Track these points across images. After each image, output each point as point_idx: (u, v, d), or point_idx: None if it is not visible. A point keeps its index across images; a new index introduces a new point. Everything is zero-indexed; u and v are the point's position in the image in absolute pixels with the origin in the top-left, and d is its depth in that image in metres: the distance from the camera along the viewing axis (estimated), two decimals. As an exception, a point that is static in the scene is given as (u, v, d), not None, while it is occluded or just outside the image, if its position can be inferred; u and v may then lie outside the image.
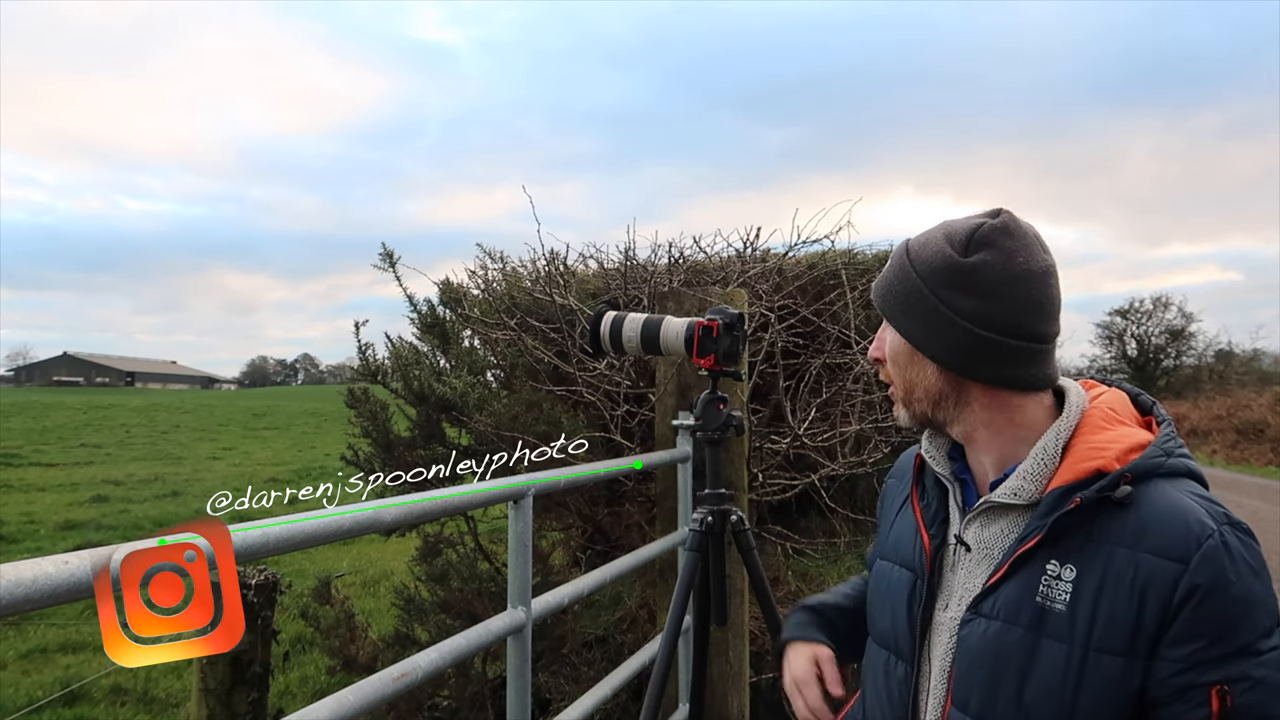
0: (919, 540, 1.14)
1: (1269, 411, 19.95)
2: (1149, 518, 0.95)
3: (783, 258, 4.03)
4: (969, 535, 1.08)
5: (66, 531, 9.97)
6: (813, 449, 3.55)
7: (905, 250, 1.11)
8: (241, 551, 1.16)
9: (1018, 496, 1.02)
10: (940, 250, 1.05)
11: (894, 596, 1.14)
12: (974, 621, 1.03)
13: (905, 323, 1.09)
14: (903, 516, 1.20)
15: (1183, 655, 0.91)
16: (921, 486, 1.18)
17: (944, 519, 1.13)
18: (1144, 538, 0.94)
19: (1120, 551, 0.95)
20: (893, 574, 1.17)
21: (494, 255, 4.43)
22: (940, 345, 1.05)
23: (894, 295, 1.10)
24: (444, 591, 3.70)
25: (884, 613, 1.16)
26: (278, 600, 2.79)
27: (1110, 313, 34.22)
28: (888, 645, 1.15)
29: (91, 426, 26.15)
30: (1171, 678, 0.91)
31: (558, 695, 3.33)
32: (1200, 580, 0.90)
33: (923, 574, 1.11)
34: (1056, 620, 0.96)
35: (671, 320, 2.24)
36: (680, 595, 2.11)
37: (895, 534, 1.20)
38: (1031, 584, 0.99)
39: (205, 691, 2.59)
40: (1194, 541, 0.92)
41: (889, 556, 1.20)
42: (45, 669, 5.49)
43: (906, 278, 1.09)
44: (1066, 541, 0.98)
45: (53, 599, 0.92)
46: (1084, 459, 1.00)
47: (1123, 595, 0.93)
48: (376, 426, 3.97)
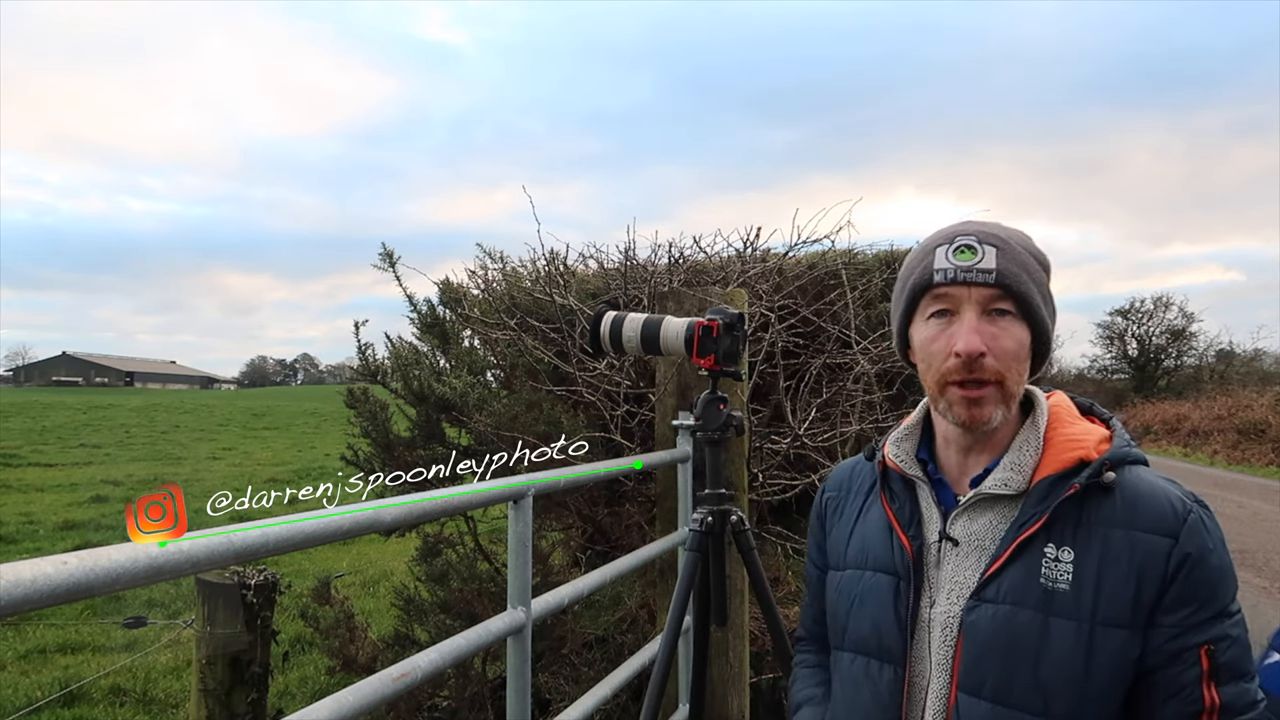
0: (896, 542, 1.15)
1: (1270, 412, 19.95)
2: (1135, 500, 1.03)
3: (783, 258, 4.03)
4: (956, 530, 1.11)
5: (66, 531, 9.96)
6: (813, 449, 3.55)
7: (1013, 242, 1.08)
8: (242, 551, 1.16)
9: (1008, 487, 1.07)
10: (1039, 250, 1.11)
11: (874, 601, 1.15)
12: (980, 608, 1.05)
13: (1044, 316, 1.09)
14: (865, 523, 1.21)
15: (1177, 620, 0.99)
16: (890, 490, 1.19)
17: (918, 520, 1.15)
18: (1135, 518, 1.02)
19: (1115, 532, 1.02)
20: (865, 580, 1.17)
21: (494, 255, 4.42)
22: (1048, 342, 1.10)
23: (1035, 285, 1.08)
24: (444, 592, 3.70)
25: (862, 619, 1.16)
26: (277, 600, 2.79)
27: (1111, 313, 34.29)
28: (867, 651, 1.15)
29: (91, 427, 26.14)
30: (1167, 643, 0.99)
31: (558, 695, 3.32)
32: (1190, 550, 0.99)
33: (907, 575, 1.12)
34: (1062, 599, 1.01)
35: (671, 320, 2.24)
36: (680, 595, 2.10)
37: (858, 542, 1.21)
38: (1033, 567, 1.03)
39: (205, 692, 2.59)
40: (1179, 518, 1.01)
41: (856, 564, 1.20)
42: (44, 669, 5.48)
43: (1037, 271, 1.09)
44: (1060, 526, 1.04)
45: (52, 599, 0.92)
46: (1065, 450, 1.07)
47: (1122, 571, 1.00)
48: (376, 426, 3.97)
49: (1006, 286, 1.05)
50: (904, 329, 1.16)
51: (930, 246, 1.11)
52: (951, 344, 1.06)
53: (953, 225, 1.12)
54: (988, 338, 1.05)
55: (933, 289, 1.09)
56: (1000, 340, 1.05)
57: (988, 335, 1.05)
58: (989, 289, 1.05)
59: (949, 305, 1.08)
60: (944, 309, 1.08)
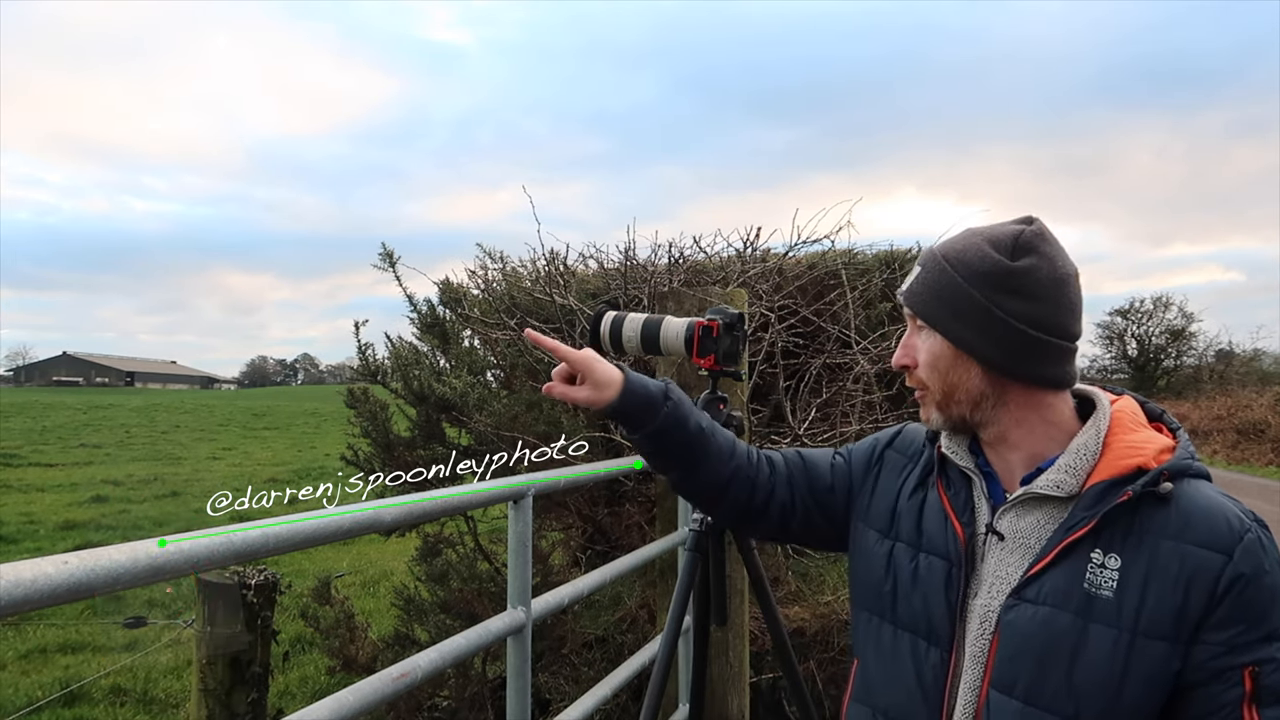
0: (950, 529, 1.16)
1: (1269, 411, 19.94)
2: (1190, 513, 1.01)
3: (783, 258, 4.03)
4: (1003, 525, 1.11)
5: (66, 531, 9.97)
6: (813, 449, 3.55)
7: (941, 256, 1.13)
8: (242, 551, 1.16)
9: (1060, 489, 1.07)
10: (986, 255, 1.10)
11: (927, 584, 1.16)
12: (1019, 607, 1.06)
13: (955, 326, 1.11)
14: (921, 501, 1.22)
15: (1223, 639, 0.97)
16: (946, 477, 1.21)
17: (970, 510, 1.16)
18: (1187, 530, 1.00)
19: (1165, 543, 1.01)
20: (920, 560, 1.18)
21: (494, 255, 4.43)
22: (991, 347, 1.09)
23: (939, 300, 1.12)
24: (444, 591, 3.70)
25: (913, 599, 1.17)
26: (277, 600, 2.80)
27: (1111, 313, 34.21)
28: (916, 630, 1.16)
29: (91, 426, 26.15)
30: (1211, 660, 0.97)
31: (558, 695, 3.33)
32: (1244, 570, 0.98)
33: (959, 562, 1.13)
34: (1104, 606, 1.01)
35: (671, 320, 2.24)
36: (680, 595, 2.10)
37: (911, 519, 1.22)
38: (1078, 571, 1.03)
39: (205, 692, 2.60)
40: (1235, 535, 0.99)
41: (910, 541, 1.21)
42: (45, 669, 5.49)
43: (951, 282, 1.11)
44: (1109, 532, 1.03)
45: (52, 599, 0.92)
46: (1124, 456, 1.06)
47: (1169, 584, 0.99)
48: (376, 426, 3.97)
49: (913, 305, 1.15)
50: None
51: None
52: None
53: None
54: (913, 351, 1.16)
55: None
56: (918, 352, 1.16)
57: (913, 348, 1.16)
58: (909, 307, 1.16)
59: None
60: None
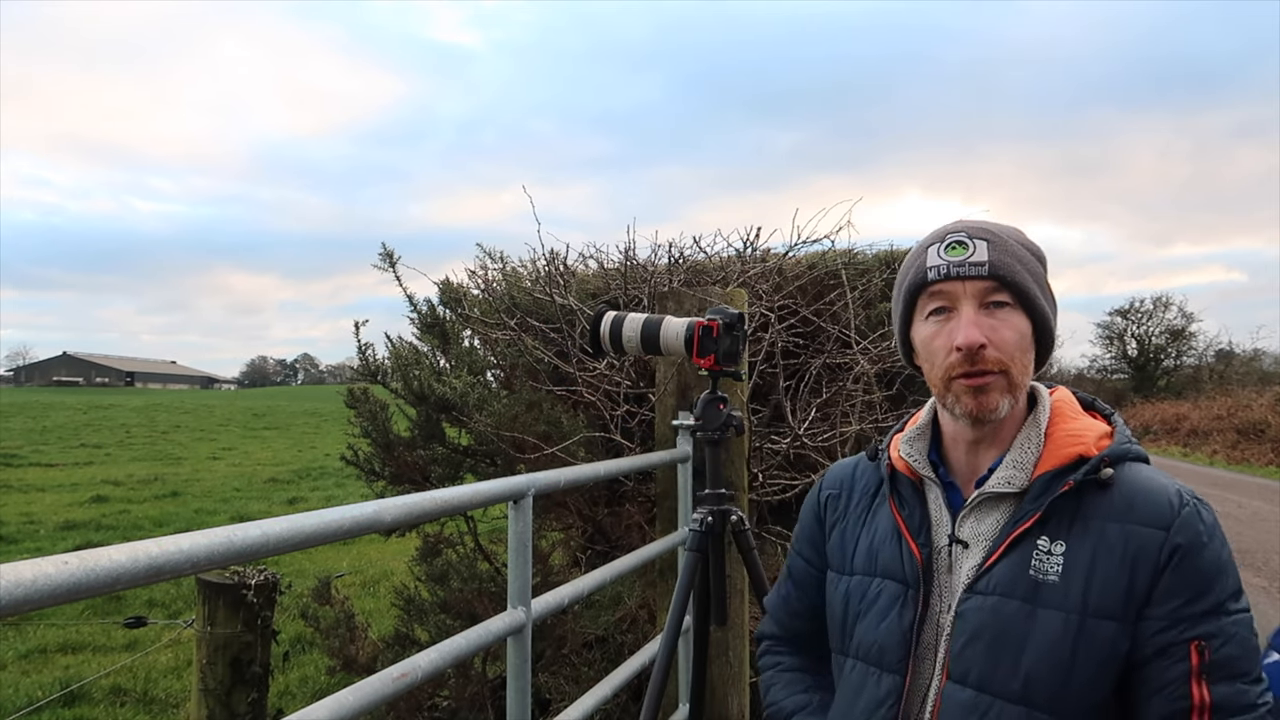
0: (905, 549, 1.13)
1: (1269, 412, 19.95)
2: (1133, 495, 1.03)
3: (783, 258, 4.03)
4: (964, 531, 1.10)
5: (66, 532, 9.95)
6: (813, 449, 3.55)
7: (1008, 236, 1.10)
8: (242, 551, 1.15)
9: (1011, 485, 1.07)
10: (1032, 243, 1.12)
11: (882, 609, 1.13)
12: (971, 599, 1.06)
13: (1042, 305, 1.09)
14: (873, 528, 1.19)
15: (1165, 613, 0.98)
16: (899, 496, 1.17)
17: (927, 525, 1.13)
18: (1131, 512, 1.02)
19: (1111, 526, 1.02)
20: (874, 588, 1.15)
21: (494, 255, 4.43)
22: (1051, 333, 1.10)
23: (1030, 275, 1.09)
24: (444, 592, 3.70)
25: (869, 628, 1.14)
26: (277, 600, 2.80)
27: (1110, 313, 34.31)
28: (869, 659, 1.14)
29: (91, 426, 26.14)
30: (1155, 635, 0.98)
31: (558, 695, 3.32)
32: (1180, 541, 0.99)
33: (915, 583, 1.11)
34: (1050, 590, 1.02)
35: (671, 320, 2.24)
36: (680, 595, 2.10)
37: (865, 547, 1.19)
38: (1024, 560, 1.04)
39: (205, 691, 2.59)
40: (1173, 510, 1.01)
41: (864, 570, 1.18)
42: (45, 669, 5.48)
43: (1030, 262, 1.10)
44: (1056, 520, 1.04)
45: (52, 599, 0.92)
46: (1065, 445, 1.07)
47: (1115, 564, 1.00)
48: (376, 426, 3.97)
49: (1000, 277, 1.05)
50: (905, 332, 1.15)
51: (923, 247, 1.12)
52: (952, 339, 1.06)
53: (945, 225, 1.12)
54: (987, 329, 1.05)
55: (928, 287, 1.09)
56: (1000, 331, 1.05)
57: (986, 327, 1.05)
58: (984, 281, 1.06)
59: (946, 302, 1.08)
60: (942, 306, 1.08)
